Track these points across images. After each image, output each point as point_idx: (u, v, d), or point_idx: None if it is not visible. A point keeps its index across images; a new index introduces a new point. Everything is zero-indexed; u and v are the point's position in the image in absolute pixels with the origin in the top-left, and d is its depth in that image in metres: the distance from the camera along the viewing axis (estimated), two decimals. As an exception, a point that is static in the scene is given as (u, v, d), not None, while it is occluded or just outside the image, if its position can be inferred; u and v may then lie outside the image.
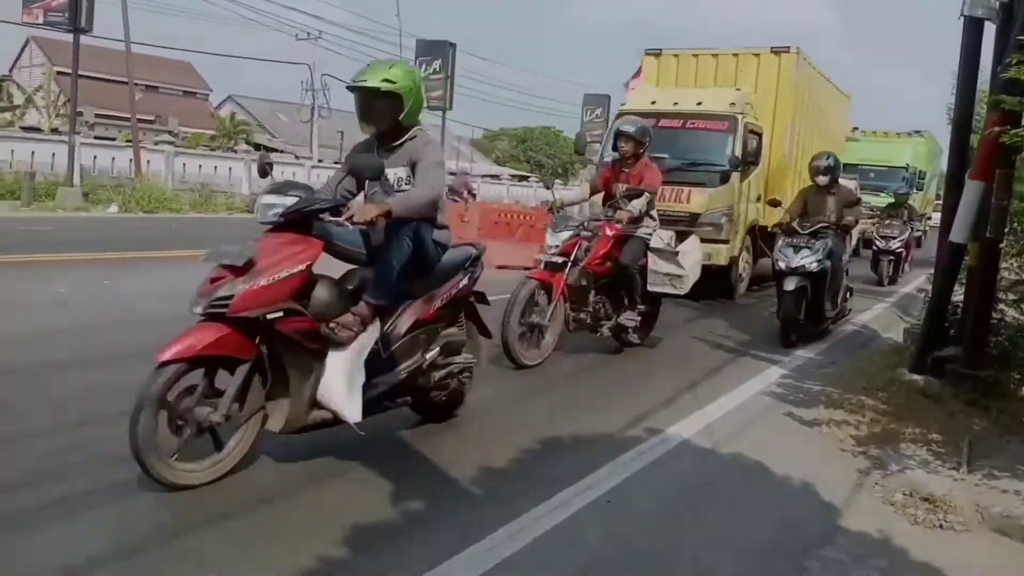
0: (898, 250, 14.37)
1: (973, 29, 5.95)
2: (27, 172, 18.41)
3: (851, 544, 3.39)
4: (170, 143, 28.70)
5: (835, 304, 8.37)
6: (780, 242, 8.00)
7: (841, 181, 8.71)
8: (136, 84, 25.11)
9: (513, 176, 42.25)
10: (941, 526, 3.62)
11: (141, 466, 3.20)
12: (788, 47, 11.43)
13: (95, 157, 21.36)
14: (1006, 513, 3.68)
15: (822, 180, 8.13)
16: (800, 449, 4.62)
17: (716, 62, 11.86)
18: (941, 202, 7.51)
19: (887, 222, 14.71)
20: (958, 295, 6.14)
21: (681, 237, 7.36)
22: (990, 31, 5.86)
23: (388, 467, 3.82)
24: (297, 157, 33.73)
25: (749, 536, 3.45)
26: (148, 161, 22.49)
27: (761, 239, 11.45)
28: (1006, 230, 5.72)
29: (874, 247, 14.69)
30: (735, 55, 11.76)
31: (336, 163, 34.42)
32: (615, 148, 6.93)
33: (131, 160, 21.69)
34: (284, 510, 3.35)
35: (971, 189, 5.56)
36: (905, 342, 7.14)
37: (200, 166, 24.72)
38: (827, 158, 8.19)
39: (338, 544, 3.03)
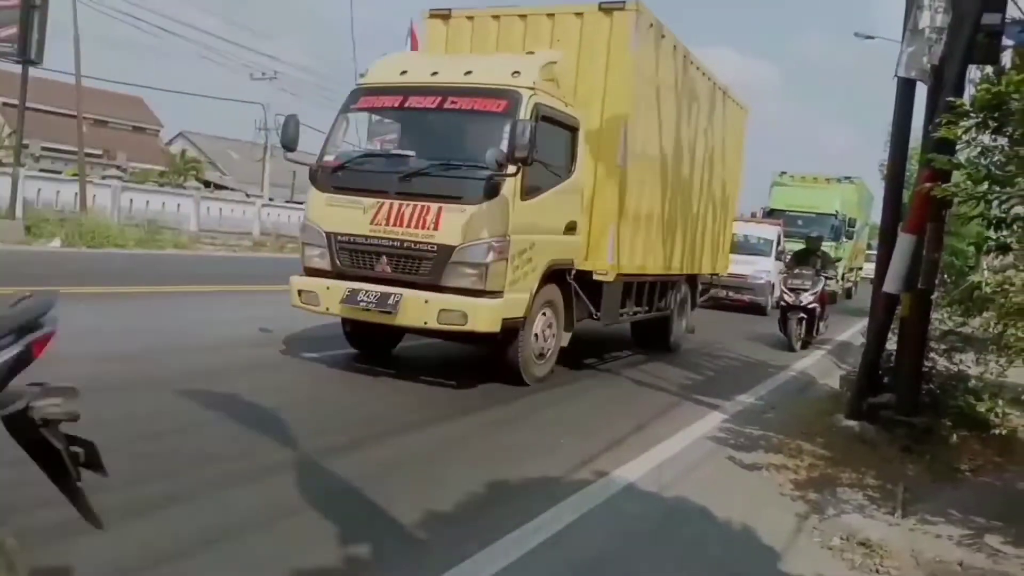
0: (811, 306, 11.70)
1: (906, 89, 6.25)
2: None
3: (789, 588, 3.45)
4: (117, 177, 28.27)
5: None
6: None
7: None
8: (85, 118, 24.71)
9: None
10: (877, 571, 3.70)
11: None
12: (623, 3, 7.80)
13: (39, 190, 20.90)
14: (939, 558, 3.78)
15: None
16: (742, 493, 4.70)
17: (525, 25, 8.34)
18: (875, 252, 7.63)
19: (796, 272, 12.10)
20: (892, 343, 6.33)
21: None
22: (922, 92, 6.16)
23: (329, 512, 3.77)
24: (248, 195, 33.46)
25: (690, 579, 3.48)
26: (94, 196, 22.07)
27: (580, 291, 7.67)
28: (937, 281, 5.98)
29: (781, 303, 12.14)
30: (550, 15, 8.24)
31: (288, 202, 34.21)
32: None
33: (76, 194, 21.30)
34: (224, 558, 3.28)
35: (903, 242, 5.78)
36: (841, 388, 7.31)
37: (148, 202, 24.32)
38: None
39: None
